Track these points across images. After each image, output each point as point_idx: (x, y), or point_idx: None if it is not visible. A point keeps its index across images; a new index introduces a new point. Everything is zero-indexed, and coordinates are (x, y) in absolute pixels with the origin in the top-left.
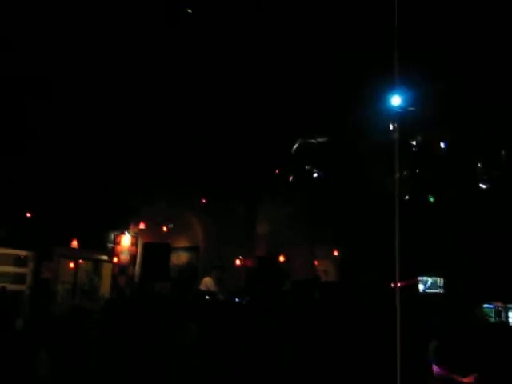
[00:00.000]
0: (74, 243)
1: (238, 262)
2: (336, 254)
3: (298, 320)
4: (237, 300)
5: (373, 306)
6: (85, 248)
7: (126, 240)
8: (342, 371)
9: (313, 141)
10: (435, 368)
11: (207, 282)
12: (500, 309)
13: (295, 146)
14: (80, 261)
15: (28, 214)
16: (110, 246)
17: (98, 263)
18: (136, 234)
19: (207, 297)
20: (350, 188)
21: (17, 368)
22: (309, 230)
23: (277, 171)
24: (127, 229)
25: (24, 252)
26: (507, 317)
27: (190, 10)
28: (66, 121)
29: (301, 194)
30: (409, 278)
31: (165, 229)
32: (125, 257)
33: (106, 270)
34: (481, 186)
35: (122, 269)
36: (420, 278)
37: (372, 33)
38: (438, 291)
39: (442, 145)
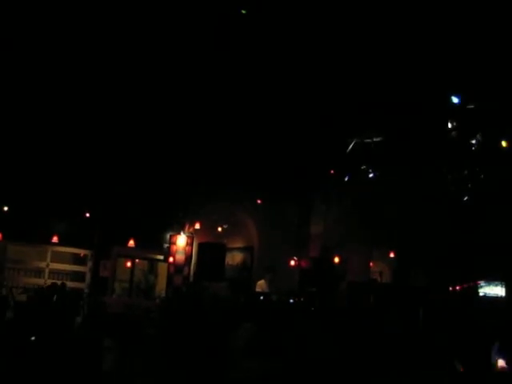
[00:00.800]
0: (131, 243)
1: (292, 262)
2: (392, 255)
3: (351, 323)
4: (291, 301)
5: (428, 307)
6: (141, 248)
7: (181, 240)
8: (395, 370)
9: (369, 140)
10: (500, 363)
11: (262, 285)
12: None
13: (351, 146)
14: (136, 260)
15: (87, 214)
16: (166, 245)
17: (153, 263)
18: (191, 233)
19: (261, 297)
20: (407, 189)
21: (75, 363)
22: (364, 231)
23: (332, 171)
24: (183, 229)
25: (83, 251)
26: None
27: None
28: (126, 120)
29: (356, 195)
30: (469, 282)
31: (220, 229)
32: (180, 256)
33: (162, 270)
34: None
35: (177, 268)
36: (481, 282)
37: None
38: (499, 295)
39: (504, 144)
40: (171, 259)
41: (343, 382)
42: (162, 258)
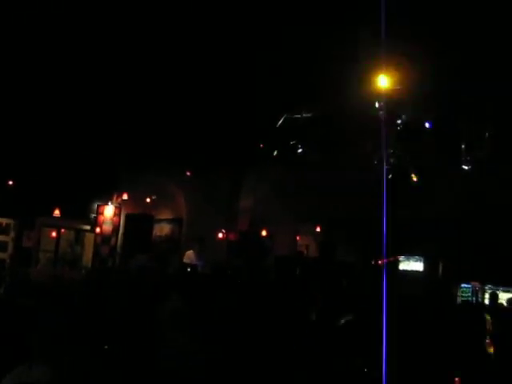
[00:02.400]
0: (57, 212)
1: (220, 235)
2: (318, 229)
3: (278, 296)
4: (218, 273)
5: (353, 282)
6: (67, 217)
7: (108, 210)
8: (320, 347)
9: (298, 116)
10: None
11: (190, 255)
12: (477, 289)
13: (281, 121)
14: (62, 230)
15: (10, 182)
16: (93, 216)
17: (80, 233)
18: (119, 204)
19: (188, 269)
20: (335, 164)
21: None
22: (292, 205)
23: (261, 146)
24: (110, 199)
25: (5, 220)
26: (483, 297)
27: None
28: (54, 94)
29: (285, 170)
30: (390, 256)
31: (148, 200)
32: (107, 227)
33: (89, 240)
34: (463, 167)
35: (104, 239)
36: (401, 257)
37: (359, 9)
38: (417, 270)
39: (427, 124)
40: (98, 230)
41: (264, 352)
42: (88, 228)
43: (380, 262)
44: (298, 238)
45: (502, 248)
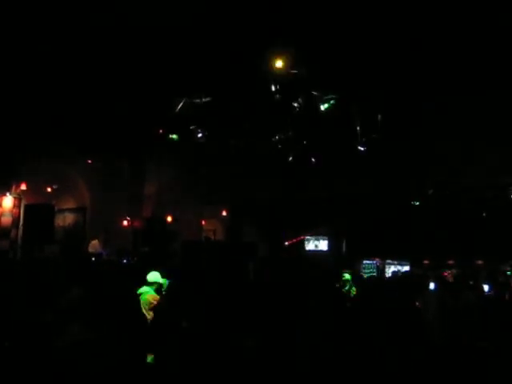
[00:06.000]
0: None
1: (125, 222)
2: (224, 213)
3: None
4: (124, 261)
5: (261, 263)
6: None
7: (7, 202)
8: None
9: (198, 100)
10: None
11: (95, 245)
12: (379, 264)
13: (179, 106)
14: None
15: None
16: None
17: None
18: (18, 195)
19: (93, 258)
20: (235, 149)
21: None
22: (196, 190)
23: (161, 131)
24: (9, 190)
25: None
26: (384, 271)
27: None
28: None
29: (186, 155)
30: (295, 237)
31: (49, 190)
32: (6, 219)
33: None
34: (359, 148)
35: (3, 232)
36: (306, 237)
37: None
38: (322, 249)
39: (323, 107)
40: None
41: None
42: None
43: (287, 243)
44: (203, 222)
45: (397, 225)
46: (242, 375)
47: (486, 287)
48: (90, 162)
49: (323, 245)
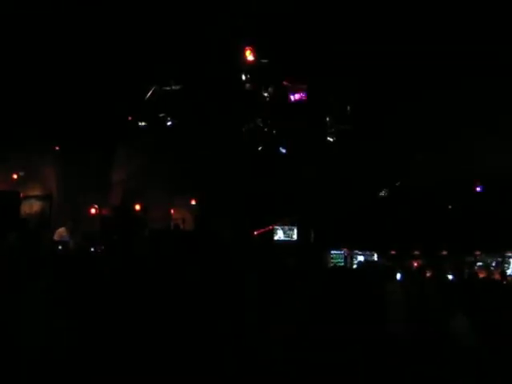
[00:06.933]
0: None
1: (93, 210)
2: (193, 202)
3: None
4: (92, 249)
5: (230, 253)
6: None
7: None
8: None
9: (168, 88)
10: None
11: (61, 233)
12: (346, 254)
13: (149, 93)
14: None
15: None
16: None
17: None
18: None
19: (60, 247)
20: (205, 137)
21: None
22: (165, 178)
23: (130, 118)
24: None
25: None
26: (352, 262)
27: None
28: None
29: (155, 142)
30: (264, 227)
31: (15, 176)
32: None
33: None
34: (328, 138)
35: None
36: (276, 227)
37: None
38: (291, 239)
39: (293, 97)
40: None
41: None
42: None
43: (256, 232)
44: (172, 211)
45: (365, 216)
46: None
47: (450, 277)
48: (57, 148)
49: (293, 234)
